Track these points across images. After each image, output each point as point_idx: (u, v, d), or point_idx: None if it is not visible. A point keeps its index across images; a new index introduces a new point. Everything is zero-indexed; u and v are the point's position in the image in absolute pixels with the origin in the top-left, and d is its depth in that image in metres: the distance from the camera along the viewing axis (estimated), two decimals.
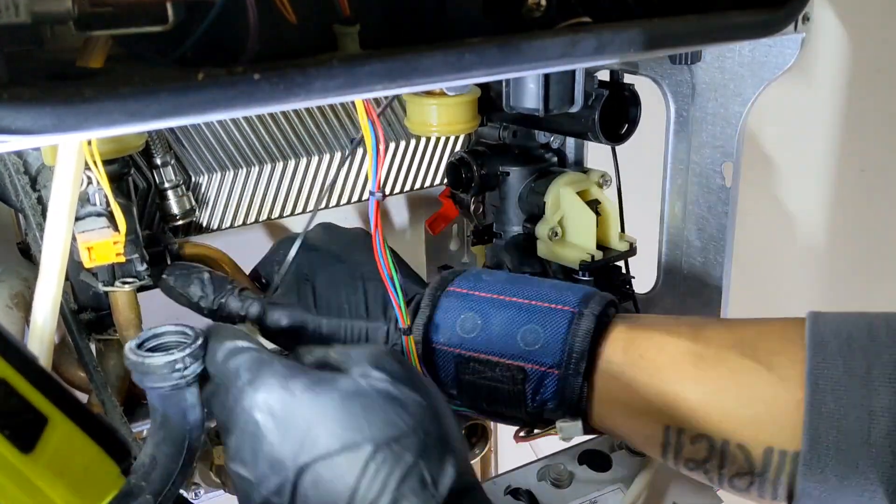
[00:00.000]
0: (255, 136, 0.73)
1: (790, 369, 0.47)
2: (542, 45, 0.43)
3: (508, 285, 0.58)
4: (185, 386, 0.51)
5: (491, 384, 0.56)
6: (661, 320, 0.56)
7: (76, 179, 0.47)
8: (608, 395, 0.54)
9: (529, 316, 0.55)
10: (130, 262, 0.59)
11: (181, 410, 0.50)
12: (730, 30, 0.51)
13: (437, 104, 0.68)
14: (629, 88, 0.69)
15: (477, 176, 0.75)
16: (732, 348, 0.50)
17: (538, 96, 0.62)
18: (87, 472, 0.31)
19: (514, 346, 0.55)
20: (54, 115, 0.33)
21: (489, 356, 0.55)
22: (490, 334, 0.55)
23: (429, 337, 0.57)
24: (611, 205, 0.75)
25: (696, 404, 0.50)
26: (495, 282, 0.58)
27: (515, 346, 0.55)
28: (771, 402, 0.48)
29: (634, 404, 0.53)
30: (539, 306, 0.55)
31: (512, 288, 0.57)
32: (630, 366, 0.53)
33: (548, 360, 0.54)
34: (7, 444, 0.30)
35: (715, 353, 0.50)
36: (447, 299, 0.58)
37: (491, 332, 0.55)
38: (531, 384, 0.54)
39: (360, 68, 0.38)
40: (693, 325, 0.54)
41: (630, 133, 0.71)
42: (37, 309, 0.48)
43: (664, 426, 0.52)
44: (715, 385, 0.50)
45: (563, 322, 0.54)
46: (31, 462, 0.30)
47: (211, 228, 0.74)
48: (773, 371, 0.48)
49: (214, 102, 0.36)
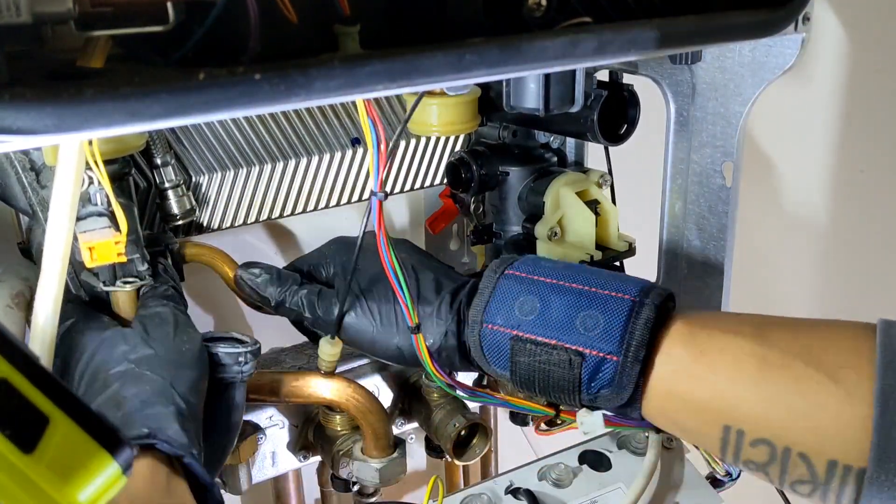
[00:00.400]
0: (256, 135, 0.73)
1: (858, 385, 0.46)
2: (542, 45, 0.43)
3: (567, 271, 0.57)
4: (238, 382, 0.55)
5: (546, 367, 0.55)
6: (722, 317, 0.56)
7: (77, 179, 0.47)
8: (666, 388, 0.53)
9: (590, 301, 0.54)
10: (132, 261, 0.59)
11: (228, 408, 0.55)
12: (730, 30, 0.51)
13: (438, 104, 0.68)
14: (628, 89, 0.69)
15: (476, 176, 0.75)
16: (798, 356, 0.49)
17: (538, 96, 0.62)
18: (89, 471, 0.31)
19: (573, 331, 0.54)
20: (55, 115, 0.33)
21: (547, 339, 0.54)
22: (549, 318, 0.55)
23: (485, 318, 0.57)
24: (610, 205, 0.75)
25: (758, 408, 0.49)
26: (554, 267, 0.58)
27: (574, 330, 0.54)
28: (837, 417, 0.46)
29: (694, 400, 0.52)
30: (599, 293, 0.55)
31: (571, 274, 0.57)
32: (691, 361, 0.52)
33: (606, 346, 0.53)
34: (8, 444, 0.30)
35: (780, 358, 0.49)
36: (506, 281, 0.57)
37: (550, 315, 0.55)
38: (588, 369, 0.53)
39: (360, 68, 0.38)
40: (756, 325, 0.52)
41: (629, 134, 0.71)
42: (38, 308, 0.48)
43: (724, 425, 0.51)
44: (779, 391, 0.49)
45: (623, 310, 0.53)
46: (33, 462, 0.30)
47: (211, 228, 0.74)
48: (840, 385, 0.47)
49: (215, 103, 0.36)
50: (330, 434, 0.70)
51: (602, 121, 0.68)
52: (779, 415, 0.48)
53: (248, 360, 0.57)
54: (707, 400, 0.51)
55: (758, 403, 0.49)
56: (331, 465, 0.70)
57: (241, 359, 0.56)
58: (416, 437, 0.84)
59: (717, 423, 0.51)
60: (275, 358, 0.79)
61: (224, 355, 0.56)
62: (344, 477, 0.70)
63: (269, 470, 0.72)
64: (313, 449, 0.72)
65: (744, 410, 0.50)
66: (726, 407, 0.50)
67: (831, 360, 0.48)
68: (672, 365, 0.53)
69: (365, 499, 0.79)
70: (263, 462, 0.71)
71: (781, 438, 0.48)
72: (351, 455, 0.68)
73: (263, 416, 0.69)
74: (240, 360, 0.56)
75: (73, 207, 0.47)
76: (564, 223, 0.74)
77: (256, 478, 0.70)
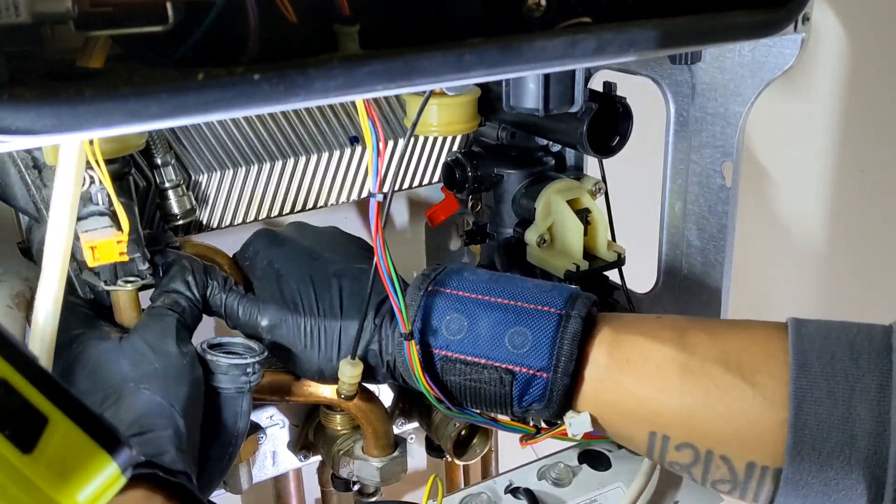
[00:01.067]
0: (255, 134, 0.73)
1: (774, 390, 0.48)
2: (542, 45, 0.43)
3: (493, 285, 0.57)
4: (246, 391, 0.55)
5: (477, 385, 0.56)
6: (643, 322, 0.56)
7: (77, 179, 0.47)
8: (594, 398, 0.55)
9: (517, 318, 0.55)
10: (133, 261, 0.59)
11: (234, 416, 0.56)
12: (730, 30, 0.51)
13: (438, 104, 0.68)
14: (621, 102, 0.69)
15: (471, 177, 0.75)
16: (717, 362, 0.51)
17: (538, 96, 0.62)
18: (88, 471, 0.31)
19: (502, 349, 0.55)
20: (55, 116, 0.33)
21: (476, 358, 0.55)
22: (477, 336, 0.55)
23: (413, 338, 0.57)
24: (601, 214, 0.75)
25: (680, 414, 0.51)
26: (479, 281, 0.58)
27: (503, 348, 0.55)
28: (755, 421, 0.49)
29: (620, 408, 0.54)
30: (526, 307, 0.55)
31: (496, 288, 0.57)
32: (616, 370, 0.54)
33: (536, 363, 0.54)
34: (7, 444, 0.30)
35: (700, 365, 0.51)
36: (432, 299, 0.57)
37: (478, 333, 0.55)
38: (518, 386, 0.55)
39: (359, 68, 0.38)
40: (676, 329, 0.54)
41: (620, 146, 0.71)
42: (38, 308, 0.48)
43: (649, 431, 0.53)
44: (700, 398, 0.51)
45: (550, 325, 0.54)
46: (32, 462, 0.30)
47: (211, 227, 0.74)
48: (756, 389, 0.49)
49: (214, 103, 0.36)
50: (330, 433, 0.70)
51: (593, 133, 0.68)
52: (701, 421, 0.51)
53: (256, 370, 0.57)
54: (633, 408, 0.53)
55: (681, 410, 0.51)
56: (331, 464, 0.70)
57: (248, 369, 0.57)
58: (416, 437, 0.84)
59: (644, 429, 0.53)
60: None
61: (232, 367, 0.56)
62: (344, 476, 0.70)
63: (269, 469, 0.72)
64: (314, 448, 0.72)
65: (668, 417, 0.52)
66: (651, 414, 0.52)
67: (748, 364, 0.50)
68: (599, 376, 0.54)
69: (365, 498, 0.80)
70: (264, 461, 0.71)
71: (704, 443, 0.51)
72: (351, 454, 0.68)
73: (264, 416, 0.69)
74: (248, 371, 0.57)
75: (73, 207, 0.47)
76: (554, 231, 0.74)
77: (257, 477, 0.70)
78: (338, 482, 0.76)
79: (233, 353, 0.58)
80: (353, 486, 0.76)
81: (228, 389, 0.57)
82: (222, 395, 0.57)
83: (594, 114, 0.67)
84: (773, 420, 0.48)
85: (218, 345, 0.58)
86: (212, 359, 0.56)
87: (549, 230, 0.74)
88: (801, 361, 0.48)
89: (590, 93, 0.69)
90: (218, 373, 0.56)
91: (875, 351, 0.47)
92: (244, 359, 0.57)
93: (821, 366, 0.47)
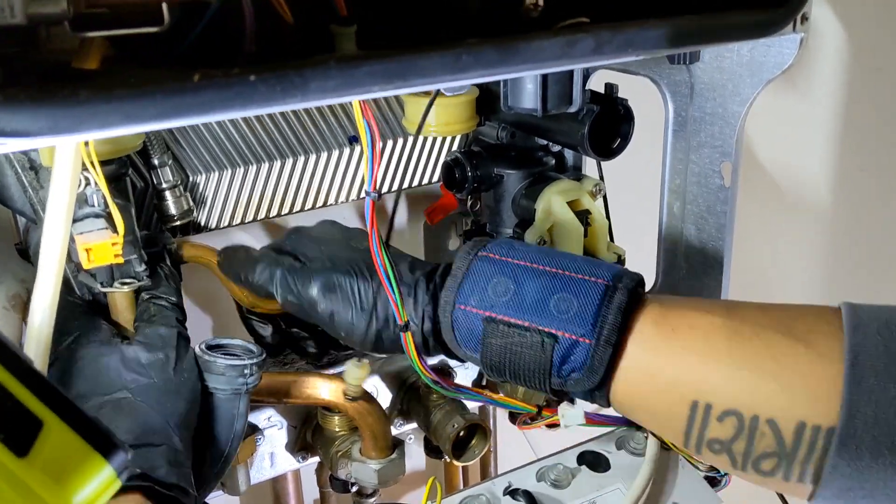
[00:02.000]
0: (253, 134, 0.73)
1: (828, 346, 0.47)
2: (539, 45, 0.43)
3: (541, 255, 0.57)
4: (243, 393, 0.56)
5: (519, 349, 0.54)
6: (694, 299, 0.55)
7: (73, 180, 0.46)
8: (636, 370, 0.53)
9: (563, 284, 0.54)
10: (129, 262, 0.59)
11: (231, 417, 0.56)
12: (728, 30, 0.51)
13: (436, 104, 0.68)
14: (623, 104, 0.69)
15: (470, 177, 0.75)
16: (768, 326, 0.49)
17: (536, 96, 0.61)
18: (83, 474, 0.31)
19: (547, 313, 0.54)
20: (50, 117, 0.33)
21: (520, 321, 0.54)
22: (522, 299, 0.54)
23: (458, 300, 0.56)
24: (601, 216, 0.75)
25: (727, 377, 0.49)
26: (528, 251, 0.57)
27: (548, 312, 0.54)
28: (807, 375, 0.47)
29: (663, 378, 0.52)
30: (574, 276, 0.55)
31: (546, 258, 0.56)
32: (661, 340, 0.52)
33: (579, 329, 0.53)
34: (2, 447, 0.30)
35: (750, 328, 0.50)
36: (480, 263, 0.56)
37: (524, 297, 0.54)
38: (560, 352, 0.53)
39: (357, 69, 0.38)
40: (728, 304, 0.53)
41: (622, 148, 0.71)
42: (34, 310, 0.48)
43: (692, 401, 0.50)
44: (749, 358, 0.49)
45: (596, 293, 0.53)
46: (27, 466, 0.30)
47: (209, 228, 0.74)
48: (810, 347, 0.47)
49: (211, 104, 0.36)
50: (328, 435, 0.70)
51: (594, 135, 0.68)
52: (749, 382, 0.48)
53: (254, 372, 0.57)
54: (676, 376, 0.51)
55: (727, 373, 0.49)
56: (329, 465, 0.70)
57: (246, 371, 0.57)
58: (415, 438, 0.84)
59: (685, 400, 0.50)
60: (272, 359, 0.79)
61: (229, 367, 0.56)
62: (343, 478, 0.70)
63: (267, 471, 0.72)
64: (312, 450, 0.72)
65: (713, 382, 0.49)
66: (695, 381, 0.50)
67: (801, 327, 0.48)
68: (643, 345, 0.53)
69: (364, 499, 0.79)
70: (262, 463, 0.71)
71: (750, 406, 0.48)
72: (350, 456, 0.68)
73: (262, 417, 0.69)
74: (245, 373, 0.57)
75: (69, 208, 0.47)
76: (554, 232, 0.74)
77: (255, 479, 0.70)
78: (336, 483, 0.75)
79: (231, 355, 0.58)
80: (351, 488, 0.76)
81: (225, 391, 0.57)
82: (219, 397, 0.57)
83: (596, 116, 0.67)
84: (827, 376, 0.46)
85: (217, 346, 0.58)
86: (209, 359, 0.56)
87: (549, 231, 0.74)
88: (856, 322, 0.46)
89: (591, 94, 0.69)
90: (215, 373, 0.56)
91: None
92: (242, 360, 0.57)
93: (877, 327, 0.46)
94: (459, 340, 0.56)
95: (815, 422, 0.46)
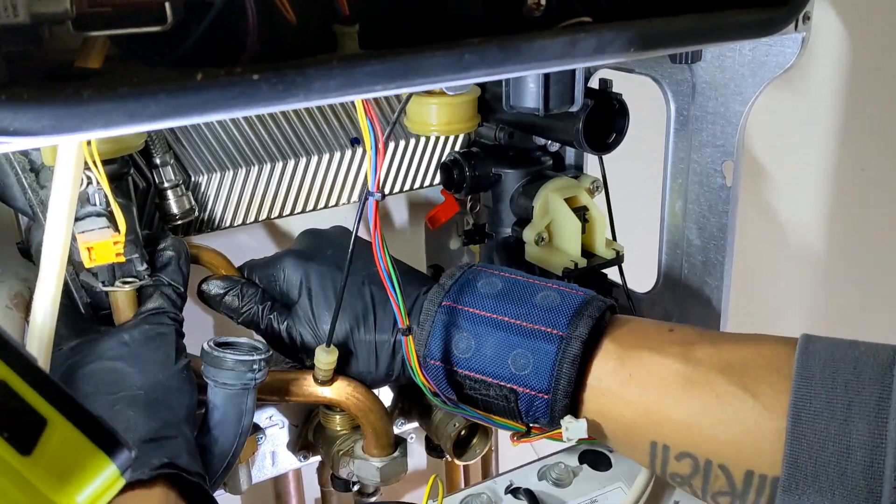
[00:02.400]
0: (255, 135, 0.73)
1: (774, 399, 0.49)
2: (542, 44, 0.43)
3: (503, 301, 0.59)
4: (251, 388, 0.56)
5: (486, 398, 0.59)
6: (652, 335, 0.57)
7: (76, 179, 0.47)
8: (598, 411, 0.56)
9: (520, 340, 0.57)
10: (130, 262, 0.59)
11: (239, 413, 0.57)
12: (730, 29, 0.51)
13: (437, 104, 0.68)
14: (617, 98, 0.69)
15: (469, 177, 0.75)
16: (721, 372, 0.52)
17: (538, 96, 0.61)
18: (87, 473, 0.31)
19: (506, 370, 0.57)
20: (53, 116, 0.33)
21: (483, 376, 0.58)
22: (483, 356, 0.58)
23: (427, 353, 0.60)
24: (599, 212, 0.75)
25: (682, 424, 0.52)
26: (490, 296, 0.60)
27: (507, 369, 0.57)
28: (754, 429, 0.49)
29: (623, 421, 0.55)
30: (529, 328, 0.57)
31: (505, 305, 0.59)
32: (619, 385, 0.55)
33: (537, 384, 0.56)
34: (6, 445, 0.30)
35: (704, 376, 0.52)
36: (443, 315, 0.60)
37: (484, 353, 0.58)
38: (523, 403, 0.57)
39: (359, 68, 0.38)
40: (684, 343, 0.55)
41: (617, 143, 0.71)
42: (36, 309, 0.48)
43: (651, 441, 0.54)
44: (701, 408, 0.52)
45: (551, 348, 0.56)
46: (31, 464, 0.30)
47: (211, 228, 0.74)
48: (758, 399, 0.50)
49: (213, 103, 0.36)
50: (330, 433, 0.70)
51: (589, 130, 0.68)
52: (702, 430, 0.51)
53: (262, 367, 0.58)
54: (635, 420, 0.54)
55: (682, 420, 0.52)
56: (331, 464, 0.70)
57: (255, 366, 0.57)
58: (416, 437, 0.83)
59: (645, 439, 0.54)
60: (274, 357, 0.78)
61: (238, 363, 0.57)
62: (344, 476, 0.70)
63: (269, 470, 0.72)
64: (313, 448, 0.72)
65: (669, 427, 0.53)
66: (653, 424, 0.54)
67: (751, 376, 0.51)
68: (601, 394, 0.56)
69: (365, 498, 0.79)
70: (263, 462, 0.71)
71: (703, 452, 0.51)
72: (351, 454, 0.68)
73: (263, 416, 0.69)
74: (254, 368, 0.57)
75: (71, 208, 0.47)
76: (552, 229, 0.74)
77: (256, 478, 0.70)
78: (337, 482, 0.75)
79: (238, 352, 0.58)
80: (352, 487, 0.76)
81: (234, 386, 0.57)
82: (227, 392, 0.57)
83: (590, 110, 0.67)
84: (772, 429, 0.48)
85: (225, 343, 0.59)
86: (218, 355, 0.57)
87: (547, 228, 0.74)
88: (804, 374, 0.48)
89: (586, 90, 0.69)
90: (224, 369, 0.57)
91: (878, 367, 0.47)
92: (251, 355, 0.58)
93: (822, 378, 0.48)
94: (435, 384, 0.60)
95: (761, 471, 0.49)
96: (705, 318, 0.73)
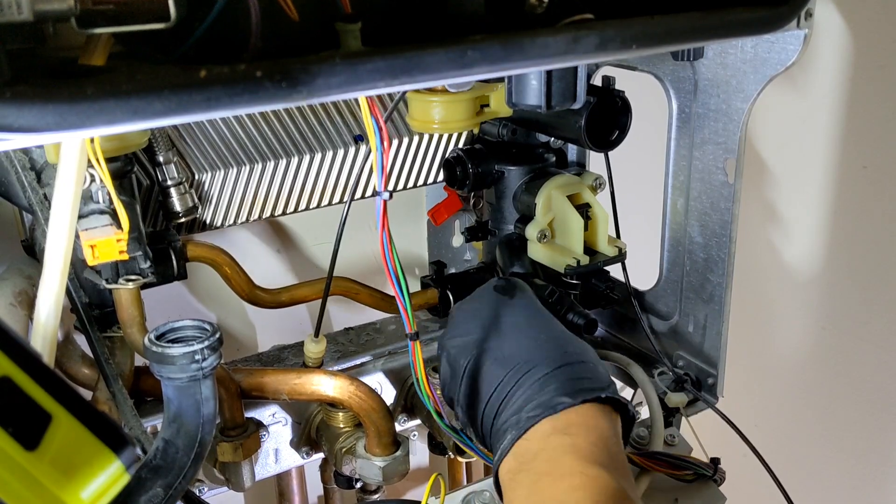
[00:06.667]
0: (259, 132, 0.73)
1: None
2: (544, 41, 0.43)
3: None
4: (201, 378, 0.53)
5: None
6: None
7: (79, 177, 0.47)
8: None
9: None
10: (134, 259, 0.59)
11: (196, 403, 0.53)
12: (732, 26, 0.51)
13: (439, 101, 0.68)
14: (620, 96, 0.69)
15: (471, 174, 0.75)
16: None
17: (540, 93, 0.61)
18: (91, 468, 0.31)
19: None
20: (57, 114, 0.33)
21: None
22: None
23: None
24: (601, 209, 0.75)
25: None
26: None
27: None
28: None
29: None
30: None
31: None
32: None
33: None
34: (11, 441, 0.30)
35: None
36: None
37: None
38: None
39: (362, 65, 0.38)
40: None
41: (620, 140, 0.71)
42: (40, 306, 0.48)
43: None
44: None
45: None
46: (36, 459, 0.30)
47: (214, 226, 0.74)
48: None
49: (217, 100, 0.36)
50: (333, 431, 0.70)
51: (591, 127, 0.68)
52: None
53: (207, 356, 0.53)
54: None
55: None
56: (334, 462, 0.70)
57: (197, 356, 0.52)
58: (419, 435, 0.84)
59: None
60: (277, 355, 0.79)
61: (180, 357, 0.52)
62: (347, 474, 0.70)
63: (272, 467, 0.72)
64: (316, 446, 0.72)
65: None
66: None
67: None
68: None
69: (368, 496, 0.80)
70: (266, 459, 0.71)
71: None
72: (354, 452, 0.68)
73: (266, 414, 0.69)
74: (197, 359, 0.52)
75: (74, 205, 0.47)
76: (555, 226, 0.74)
77: (259, 475, 0.70)
78: (340, 480, 0.76)
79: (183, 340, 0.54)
80: (355, 484, 0.76)
81: (181, 379, 0.53)
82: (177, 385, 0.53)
83: (592, 107, 0.67)
84: None
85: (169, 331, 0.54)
86: (158, 351, 0.52)
87: (550, 225, 0.74)
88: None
89: (588, 87, 0.69)
90: (166, 364, 0.52)
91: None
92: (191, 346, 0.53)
93: None
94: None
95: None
96: (707, 314, 0.74)
